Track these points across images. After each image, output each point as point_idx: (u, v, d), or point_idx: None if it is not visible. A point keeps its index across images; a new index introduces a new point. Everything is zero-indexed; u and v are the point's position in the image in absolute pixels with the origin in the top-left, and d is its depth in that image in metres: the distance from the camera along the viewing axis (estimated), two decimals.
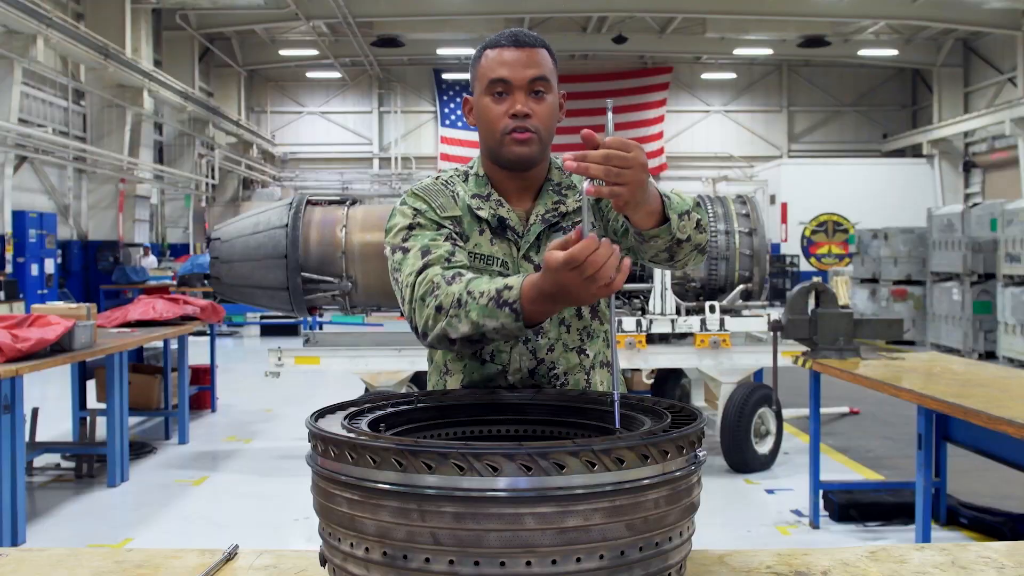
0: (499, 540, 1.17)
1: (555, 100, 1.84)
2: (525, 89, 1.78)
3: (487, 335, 1.63)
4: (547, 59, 1.82)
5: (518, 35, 1.82)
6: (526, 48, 1.80)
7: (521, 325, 1.58)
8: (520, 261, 1.86)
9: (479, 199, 1.88)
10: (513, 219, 1.87)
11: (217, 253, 6.26)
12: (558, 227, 1.88)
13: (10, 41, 13.33)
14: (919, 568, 1.47)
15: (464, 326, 1.63)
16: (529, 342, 1.85)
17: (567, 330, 1.87)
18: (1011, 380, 4.19)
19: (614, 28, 22.38)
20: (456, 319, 1.64)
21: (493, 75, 1.79)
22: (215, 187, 23.25)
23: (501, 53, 1.80)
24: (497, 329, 1.61)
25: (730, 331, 6.54)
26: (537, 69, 1.79)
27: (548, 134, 1.83)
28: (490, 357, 1.86)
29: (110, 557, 1.54)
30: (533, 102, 1.79)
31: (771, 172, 23.00)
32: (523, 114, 1.78)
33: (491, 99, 1.80)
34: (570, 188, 1.90)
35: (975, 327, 12.91)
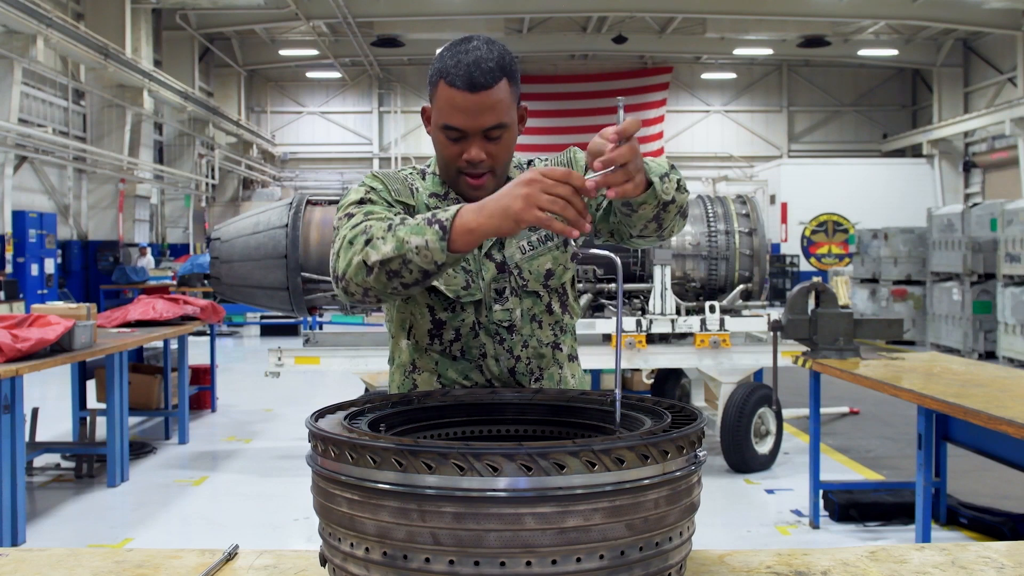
0: (499, 540, 1.17)
1: (513, 132, 1.79)
2: (480, 136, 1.73)
3: (407, 257, 1.55)
4: (504, 95, 1.72)
5: (473, 76, 1.68)
6: (480, 93, 1.69)
7: (445, 245, 1.52)
8: (482, 259, 1.85)
9: (436, 198, 1.87)
10: None
11: (217, 253, 6.27)
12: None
13: (10, 41, 13.33)
14: (919, 568, 1.47)
15: (387, 245, 1.58)
16: (505, 341, 1.85)
17: (539, 326, 1.89)
18: (1011, 380, 4.19)
19: (614, 28, 22.38)
20: (382, 241, 1.59)
21: (447, 120, 1.73)
22: (215, 187, 23.25)
23: (455, 97, 1.70)
24: (419, 247, 1.54)
25: (730, 331, 6.54)
26: (492, 116, 1.71)
27: (503, 167, 1.81)
28: (460, 353, 1.86)
29: (110, 557, 1.54)
30: (489, 145, 1.75)
31: (771, 172, 23.01)
32: (477, 161, 1.75)
33: (445, 137, 1.75)
34: None
35: (975, 327, 12.91)
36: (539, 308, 1.88)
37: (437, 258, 1.55)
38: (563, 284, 1.91)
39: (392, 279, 1.60)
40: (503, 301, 1.85)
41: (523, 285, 1.86)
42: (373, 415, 1.54)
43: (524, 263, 1.86)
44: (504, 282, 1.85)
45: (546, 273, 1.87)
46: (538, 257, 1.87)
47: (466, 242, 1.53)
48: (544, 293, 1.88)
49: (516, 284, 1.85)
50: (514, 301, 1.86)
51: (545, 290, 1.88)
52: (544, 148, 25.35)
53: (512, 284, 1.86)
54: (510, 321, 1.85)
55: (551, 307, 1.89)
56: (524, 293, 1.86)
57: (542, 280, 1.87)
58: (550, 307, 1.89)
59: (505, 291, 1.85)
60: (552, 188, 1.42)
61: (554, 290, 1.90)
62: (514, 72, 1.76)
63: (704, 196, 7.45)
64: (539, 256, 1.87)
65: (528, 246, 1.86)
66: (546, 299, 1.89)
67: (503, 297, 1.85)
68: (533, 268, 1.86)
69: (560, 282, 1.90)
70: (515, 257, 1.86)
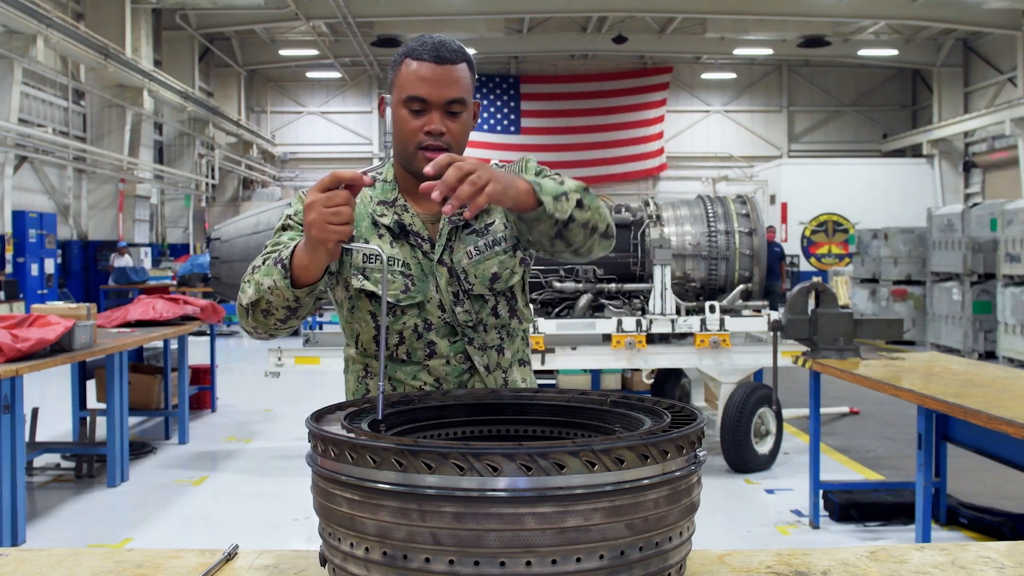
0: (499, 540, 1.17)
1: (469, 116, 1.86)
2: (442, 109, 1.80)
3: (264, 297, 1.69)
4: (466, 75, 1.83)
5: (440, 50, 1.79)
6: (446, 65, 1.79)
7: (288, 283, 1.65)
8: (436, 266, 1.88)
9: (384, 205, 1.91)
10: (417, 224, 1.89)
11: (217, 253, 6.27)
12: (470, 227, 1.90)
13: (10, 41, 13.34)
14: (919, 568, 1.47)
15: (251, 288, 1.72)
16: (474, 341, 1.89)
17: (484, 329, 1.91)
18: (1011, 380, 4.19)
19: (614, 28, 22.38)
20: (247, 284, 1.74)
21: (412, 91, 1.79)
22: (215, 187, 23.26)
23: (420, 68, 1.79)
24: (271, 288, 1.67)
25: (730, 331, 6.54)
26: (455, 89, 1.80)
27: (460, 149, 1.86)
28: (407, 356, 1.90)
29: (110, 557, 1.54)
30: (448, 120, 1.81)
31: (771, 172, 23.00)
32: (438, 132, 1.80)
33: (407, 112, 1.81)
34: None
35: (975, 327, 12.91)
36: (484, 312, 1.91)
37: (287, 295, 1.68)
38: (511, 288, 1.94)
39: (268, 317, 1.74)
40: (461, 303, 1.89)
41: (468, 289, 1.89)
42: (373, 415, 1.54)
43: (470, 267, 1.89)
44: (456, 285, 1.89)
45: (492, 277, 1.89)
46: (484, 261, 1.89)
47: (306, 276, 1.65)
48: (490, 297, 1.91)
49: (462, 287, 1.89)
50: (468, 303, 1.89)
51: (491, 293, 1.91)
52: (544, 148, 25.38)
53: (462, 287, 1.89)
54: (474, 320, 1.89)
55: (497, 310, 1.92)
56: (470, 296, 1.89)
57: (487, 283, 1.89)
58: (496, 310, 1.92)
59: (460, 294, 1.89)
60: (328, 201, 1.52)
61: (500, 294, 1.92)
62: (473, 65, 1.86)
63: (704, 196, 7.45)
64: (485, 260, 1.89)
65: (475, 251, 1.89)
66: (492, 302, 1.92)
67: (460, 300, 1.89)
68: (479, 272, 1.89)
69: (506, 285, 1.92)
70: (462, 262, 1.89)
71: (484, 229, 1.91)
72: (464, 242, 1.89)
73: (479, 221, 1.91)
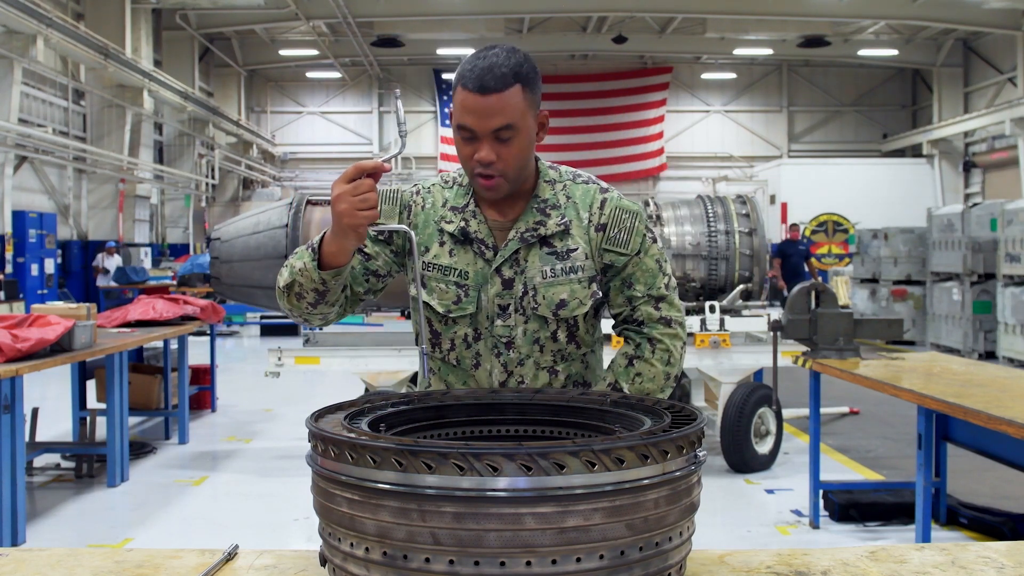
0: (499, 540, 1.17)
1: (528, 136, 1.82)
2: (490, 137, 1.77)
3: (296, 279, 1.79)
4: (516, 99, 1.76)
5: (484, 79, 1.74)
6: (490, 95, 1.74)
7: (315, 265, 1.75)
8: (492, 274, 1.87)
9: (455, 211, 1.91)
10: (483, 232, 1.88)
11: (217, 253, 6.26)
12: (551, 247, 1.89)
13: (10, 41, 13.34)
14: (919, 568, 1.47)
15: (286, 271, 1.83)
16: (501, 355, 1.89)
17: (540, 350, 1.90)
18: (1011, 380, 4.19)
19: (614, 28, 22.38)
20: (285, 268, 1.85)
21: (459, 120, 1.79)
22: (215, 187, 23.25)
23: (466, 98, 1.76)
24: (301, 270, 1.78)
25: (730, 331, 6.54)
26: (502, 118, 1.75)
27: (517, 171, 1.84)
28: (456, 362, 1.92)
29: (110, 557, 1.54)
30: (499, 146, 1.78)
31: (771, 172, 23.01)
32: (487, 162, 1.78)
33: (460, 138, 1.82)
34: (555, 208, 1.91)
35: (975, 327, 12.91)
36: (544, 333, 1.89)
37: (314, 276, 1.76)
38: (575, 317, 1.91)
39: (300, 300, 1.83)
40: (505, 317, 1.88)
41: (534, 308, 1.88)
42: (373, 415, 1.55)
43: (541, 287, 1.88)
44: (509, 298, 1.88)
45: (559, 302, 1.88)
46: (556, 285, 1.88)
47: (333, 261, 1.74)
48: (552, 320, 1.89)
49: (527, 304, 1.88)
50: (517, 319, 1.89)
51: (554, 318, 1.89)
52: (543, 148, 25.31)
53: (518, 303, 1.88)
54: (510, 337, 1.88)
55: (556, 335, 1.90)
56: (533, 315, 1.88)
57: (553, 308, 1.88)
58: (555, 335, 1.90)
59: (509, 307, 1.88)
60: (355, 190, 1.62)
61: (563, 320, 1.90)
62: (530, 79, 1.79)
63: (704, 196, 7.45)
64: (557, 284, 1.88)
65: (551, 272, 1.88)
66: (552, 326, 1.90)
67: (506, 313, 1.88)
68: (548, 294, 1.88)
69: (571, 314, 1.90)
70: (535, 280, 1.88)
71: (565, 253, 1.88)
72: (542, 260, 1.88)
73: (561, 244, 1.89)
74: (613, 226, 1.90)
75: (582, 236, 1.90)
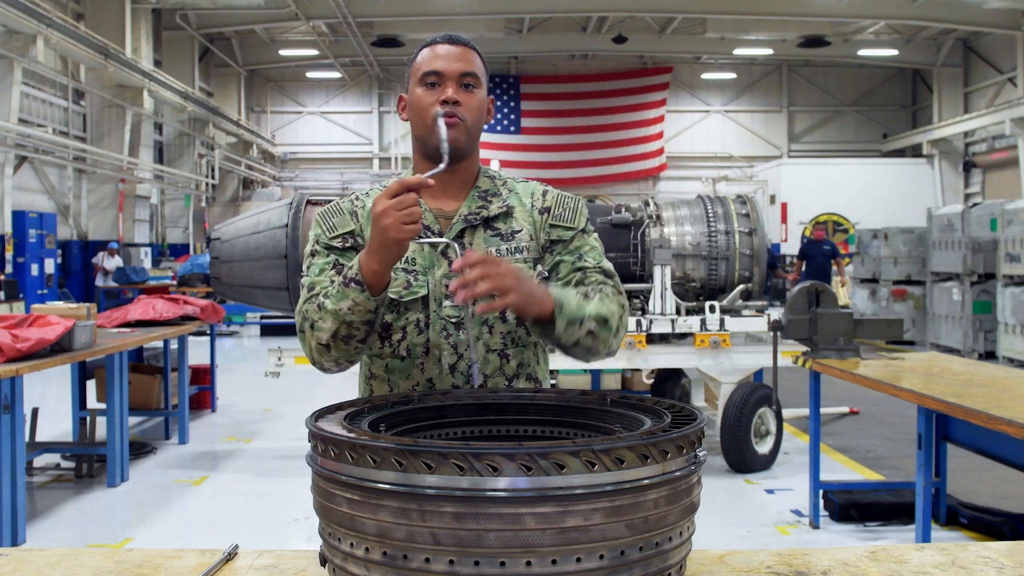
0: (499, 540, 1.17)
1: (483, 99, 1.92)
2: (456, 80, 1.87)
3: (347, 321, 1.74)
4: (478, 60, 1.92)
5: (452, 35, 1.93)
6: (459, 45, 1.90)
7: (368, 295, 1.72)
8: (437, 256, 1.90)
9: None
10: (428, 218, 1.91)
11: (217, 253, 6.26)
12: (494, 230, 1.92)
13: (10, 41, 13.34)
14: (919, 568, 1.47)
15: (327, 322, 1.77)
16: (451, 337, 1.88)
17: (489, 331, 1.90)
18: (1011, 380, 4.19)
19: (614, 28, 22.39)
20: (321, 320, 1.78)
21: (427, 68, 1.88)
22: (215, 187, 23.26)
23: (435, 49, 1.90)
24: (352, 307, 1.73)
25: (730, 331, 6.54)
26: (468, 64, 1.89)
27: (475, 126, 1.90)
28: (407, 352, 1.90)
29: (110, 557, 1.54)
30: (463, 93, 1.87)
31: (771, 172, 23.01)
32: (453, 100, 1.85)
33: (423, 89, 1.88)
34: (496, 195, 1.96)
35: (975, 327, 12.91)
36: (491, 313, 1.87)
37: (369, 307, 1.74)
38: None
39: (349, 342, 1.79)
40: (453, 298, 1.87)
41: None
42: (373, 415, 1.55)
43: None
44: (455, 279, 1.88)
45: None
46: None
47: (378, 282, 1.73)
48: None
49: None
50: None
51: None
52: (544, 148, 25.40)
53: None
54: (458, 317, 1.89)
55: (504, 315, 1.90)
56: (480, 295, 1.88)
57: None
58: (503, 314, 1.90)
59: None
60: (400, 205, 1.63)
61: None
62: (484, 60, 1.95)
63: (704, 196, 7.45)
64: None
65: (496, 253, 1.89)
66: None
67: (454, 294, 1.87)
68: None
69: None
70: None
71: (510, 235, 1.92)
72: (487, 242, 1.91)
73: (505, 226, 1.93)
74: (557, 206, 1.97)
75: (525, 219, 1.95)
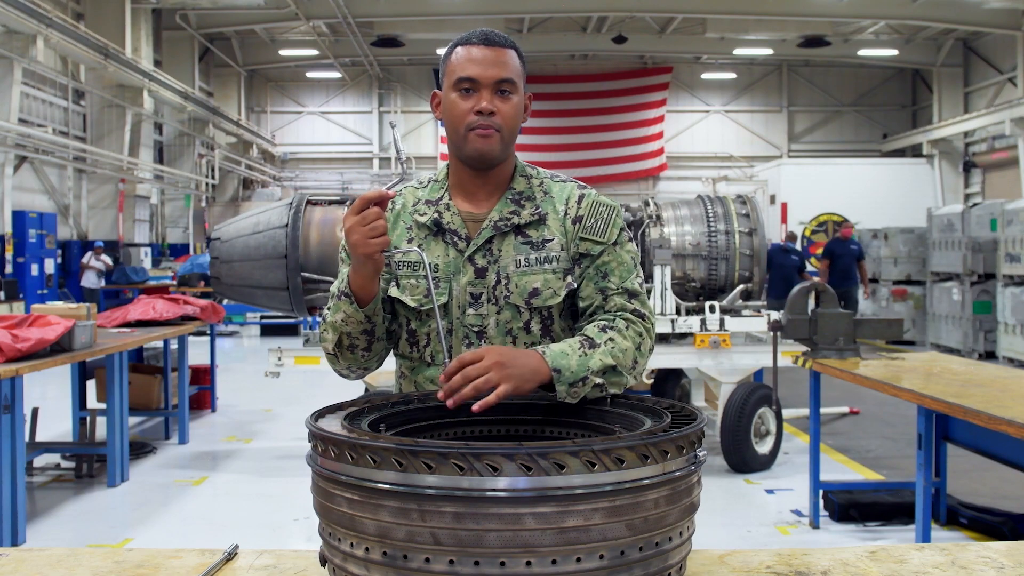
0: (499, 540, 1.17)
1: (520, 101, 1.86)
2: (491, 88, 1.80)
3: (344, 332, 1.81)
4: (515, 60, 1.85)
5: (489, 35, 1.84)
6: (495, 48, 1.82)
7: (356, 307, 1.77)
8: (464, 262, 1.86)
9: (429, 204, 1.91)
10: (456, 222, 1.88)
11: (217, 253, 6.26)
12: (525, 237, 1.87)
13: (10, 41, 13.34)
14: (919, 568, 1.47)
15: (329, 333, 1.84)
16: (472, 345, 1.85)
17: (513, 341, 1.87)
18: (1011, 380, 4.19)
19: (614, 28, 22.38)
20: (325, 332, 1.86)
21: (462, 73, 1.81)
22: (215, 187, 23.25)
23: (470, 51, 1.82)
24: (345, 319, 1.79)
25: (730, 331, 6.54)
26: (504, 70, 1.81)
27: (511, 133, 1.85)
28: (431, 359, 1.89)
29: (110, 557, 1.54)
30: (499, 100, 1.81)
31: (771, 172, 22.98)
32: (487, 111, 1.79)
33: (458, 95, 1.82)
34: (529, 200, 1.90)
35: (975, 327, 12.91)
36: (516, 324, 1.86)
37: (359, 318, 1.79)
38: (548, 307, 1.87)
39: (354, 351, 1.86)
40: (477, 306, 1.86)
41: (506, 296, 1.86)
42: (373, 415, 1.55)
43: (515, 275, 1.86)
44: (481, 287, 1.86)
45: (531, 291, 1.86)
46: (529, 274, 1.86)
47: (367, 294, 1.77)
48: (524, 310, 1.86)
49: (500, 293, 1.86)
50: (490, 308, 1.86)
51: (526, 307, 1.86)
52: (544, 148, 25.36)
53: (491, 292, 1.86)
54: (481, 326, 1.86)
55: (529, 326, 1.87)
56: (505, 304, 1.86)
57: (525, 296, 1.85)
58: (528, 326, 1.87)
59: (481, 296, 1.86)
60: (363, 221, 1.66)
61: (536, 310, 1.87)
62: (522, 56, 1.88)
63: (704, 196, 7.45)
64: (531, 273, 1.86)
65: (524, 261, 1.86)
66: (525, 316, 1.87)
67: (478, 302, 1.86)
68: (521, 282, 1.85)
69: (544, 303, 1.86)
70: (508, 268, 1.86)
71: (540, 243, 1.87)
72: (516, 250, 1.86)
73: (536, 234, 1.88)
74: (590, 216, 1.89)
75: (558, 228, 1.89)
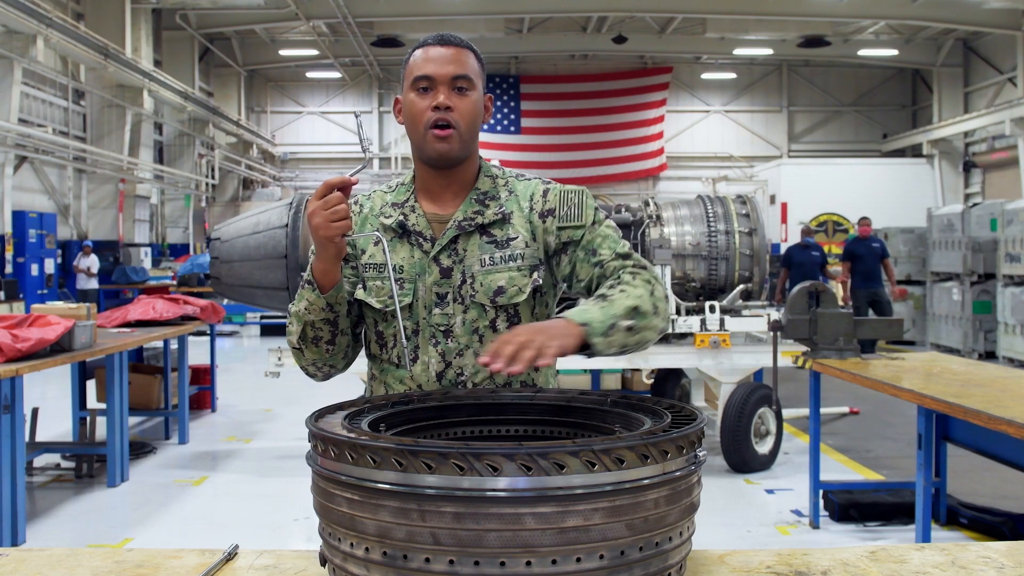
0: (499, 540, 1.17)
1: (479, 100, 1.86)
2: (448, 84, 1.82)
3: (308, 321, 1.83)
4: (472, 60, 1.87)
5: (445, 36, 1.87)
6: (452, 47, 1.85)
7: (318, 293, 1.80)
8: (429, 263, 1.87)
9: (395, 207, 1.93)
10: (421, 224, 1.89)
11: (217, 253, 6.26)
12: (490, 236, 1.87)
13: (10, 41, 13.34)
14: (919, 568, 1.47)
15: (293, 324, 1.87)
16: (439, 344, 1.86)
17: (480, 340, 1.86)
18: (1011, 380, 4.19)
19: (614, 28, 22.38)
20: (290, 324, 1.89)
21: (419, 72, 1.84)
22: (215, 187, 23.25)
23: (428, 51, 1.85)
24: (308, 307, 1.82)
25: (730, 331, 6.54)
26: (460, 67, 1.84)
27: (469, 131, 1.85)
28: (399, 360, 1.89)
29: (110, 557, 1.54)
30: (456, 97, 1.82)
31: (771, 172, 22.97)
32: (444, 106, 1.81)
33: (416, 94, 1.84)
34: (494, 199, 1.90)
35: (975, 327, 12.91)
36: (483, 322, 1.86)
37: (321, 305, 1.81)
38: (514, 305, 1.87)
39: (318, 344, 1.87)
40: (443, 306, 1.86)
41: (472, 295, 1.86)
42: (373, 415, 1.55)
43: (480, 274, 1.86)
44: (447, 287, 1.86)
45: (496, 289, 1.85)
46: (494, 273, 1.86)
47: (329, 280, 1.80)
48: (490, 308, 1.86)
49: (465, 292, 1.86)
50: (456, 307, 1.86)
51: (492, 305, 1.86)
52: (544, 148, 25.38)
53: (456, 291, 1.86)
54: (447, 326, 1.86)
55: (495, 324, 1.86)
56: (471, 303, 1.86)
57: (491, 295, 1.85)
58: (494, 324, 1.86)
59: (447, 296, 1.86)
60: (326, 205, 1.69)
61: (502, 308, 1.87)
62: (480, 58, 1.90)
63: (704, 196, 7.45)
64: (495, 272, 1.86)
65: (489, 260, 1.86)
66: (491, 314, 1.86)
67: (444, 302, 1.86)
68: (486, 281, 1.86)
69: (509, 301, 1.86)
70: (473, 267, 1.86)
71: (505, 242, 1.87)
72: (481, 249, 1.86)
73: (501, 232, 1.88)
74: (562, 206, 1.89)
75: (523, 225, 1.89)
